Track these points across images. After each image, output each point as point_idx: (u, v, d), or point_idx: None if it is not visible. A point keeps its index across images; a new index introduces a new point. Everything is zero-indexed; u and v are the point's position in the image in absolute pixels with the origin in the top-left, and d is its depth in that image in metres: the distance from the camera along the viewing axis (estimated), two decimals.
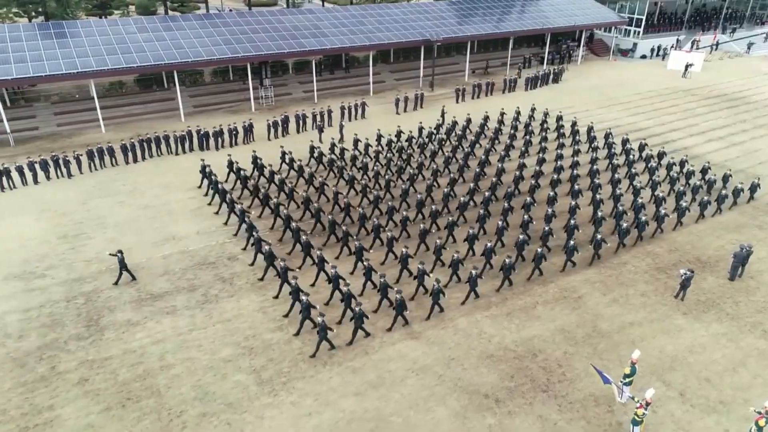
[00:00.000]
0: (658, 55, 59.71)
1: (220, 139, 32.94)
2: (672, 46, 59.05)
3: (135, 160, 31.05)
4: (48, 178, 28.78)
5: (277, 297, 19.48)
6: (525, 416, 15.00)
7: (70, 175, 29.10)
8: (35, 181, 28.30)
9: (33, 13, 45.80)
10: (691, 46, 59.16)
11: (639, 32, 59.82)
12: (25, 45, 34.11)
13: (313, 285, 19.94)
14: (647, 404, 13.66)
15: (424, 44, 45.49)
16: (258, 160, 27.67)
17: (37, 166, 28.16)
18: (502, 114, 36.47)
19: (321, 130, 33.95)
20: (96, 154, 29.87)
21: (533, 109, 37.70)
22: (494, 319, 18.77)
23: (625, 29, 61.03)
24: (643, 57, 60.09)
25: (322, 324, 16.44)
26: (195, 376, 16.18)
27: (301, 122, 35.84)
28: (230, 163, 27.49)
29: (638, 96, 45.75)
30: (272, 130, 34.67)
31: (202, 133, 32.51)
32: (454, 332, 18.14)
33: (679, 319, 18.95)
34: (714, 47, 61.75)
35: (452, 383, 16.08)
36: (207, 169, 26.84)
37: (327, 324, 16.65)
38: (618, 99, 44.78)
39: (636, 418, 13.72)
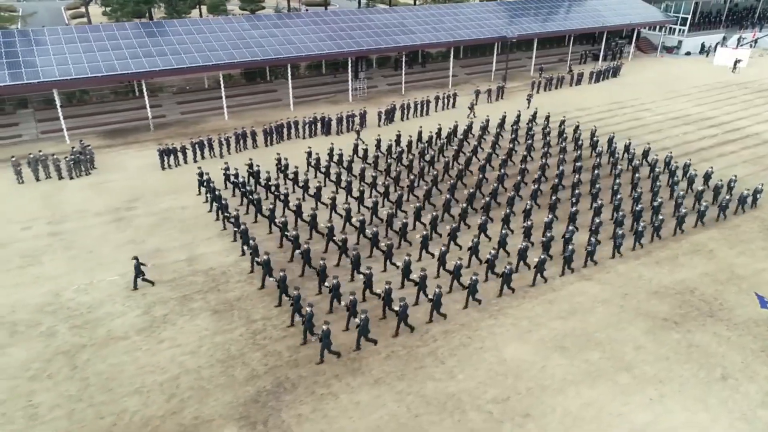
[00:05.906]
0: (703, 52, 63.41)
1: (340, 125, 36.66)
2: (718, 43, 62.81)
3: (271, 143, 34.76)
4: (203, 157, 32.48)
5: (279, 305, 19.77)
6: (702, 333, 18.71)
7: (221, 155, 32.83)
8: (195, 160, 32.03)
9: (121, 15, 49.24)
10: (737, 43, 62.90)
11: (684, 30, 63.58)
12: (161, 40, 37.85)
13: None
14: None
15: (500, 41, 49.25)
16: (254, 166, 27.90)
17: (197, 146, 31.92)
18: (503, 118, 36.84)
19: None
20: (241, 137, 33.59)
21: (535, 113, 37.91)
22: (647, 266, 22.50)
23: (670, 27, 64.78)
24: (688, 54, 63.86)
25: (325, 331, 16.79)
26: (424, 306, 19.77)
27: (405, 111, 39.56)
28: (226, 170, 27.75)
29: (696, 89, 49.47)
30: (382, 117, 38.37)
31: (326, 119, 36.20)
32: (617, 276, 21.87)
33: None
34: (753, 44, 65.45)
35: (633, 311, 19.80)
36: (204, 177, 26.97)
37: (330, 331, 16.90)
38: (678, 91, 48.48)
39: None
